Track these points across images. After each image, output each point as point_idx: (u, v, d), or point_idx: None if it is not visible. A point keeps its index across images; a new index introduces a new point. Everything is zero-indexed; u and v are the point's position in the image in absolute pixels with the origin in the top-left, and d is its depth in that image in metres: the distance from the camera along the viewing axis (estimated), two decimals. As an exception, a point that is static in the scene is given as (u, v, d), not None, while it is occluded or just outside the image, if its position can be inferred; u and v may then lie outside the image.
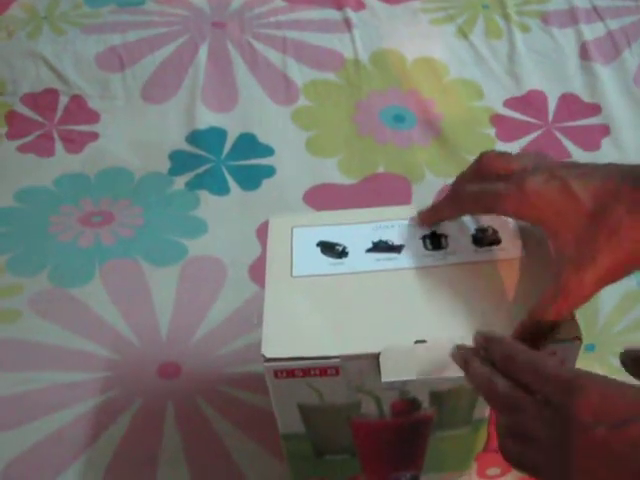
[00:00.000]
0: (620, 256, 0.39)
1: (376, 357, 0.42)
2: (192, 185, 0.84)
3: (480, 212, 0.47)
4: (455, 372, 0.41)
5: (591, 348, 0.67)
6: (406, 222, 0.49)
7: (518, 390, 0.37)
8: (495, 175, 0.44)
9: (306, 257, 0.48)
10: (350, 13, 1.06)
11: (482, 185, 0.44)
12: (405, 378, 0.42)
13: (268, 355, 0.42)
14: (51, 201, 0.83)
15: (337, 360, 0.42)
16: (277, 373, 0.42)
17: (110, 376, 0.66)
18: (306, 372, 0.42)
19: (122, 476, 0.60)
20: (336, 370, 0.42)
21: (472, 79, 0.97)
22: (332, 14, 1.06)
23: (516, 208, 0.42)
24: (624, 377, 0.64)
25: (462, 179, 0.47)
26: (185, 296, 0.73)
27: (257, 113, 0.92)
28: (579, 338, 0.42)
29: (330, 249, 0.48)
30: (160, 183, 0.85)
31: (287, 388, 0.43)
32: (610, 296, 0.71)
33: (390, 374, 0.42)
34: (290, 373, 0.42)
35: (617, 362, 0.66)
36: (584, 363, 0.65)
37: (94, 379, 0.66)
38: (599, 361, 0.66)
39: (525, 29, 1.04)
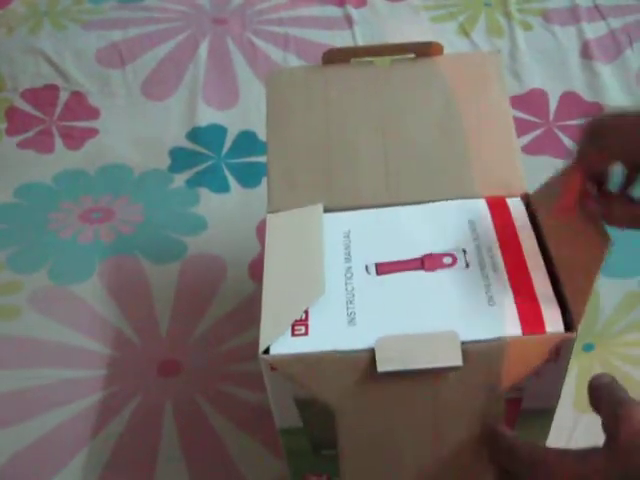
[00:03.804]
0: None
1: (373, 351, 0.42)
2: (192, 182, 0.84)
3: None
4: (449, 362, 0.41)
5: (591, 347, 0.67)
6: None
7: None
8: None
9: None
10: (351, 10, 1.06)
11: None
12: (400, 368, 0.42)
13: (264, 352, 0.42)
14: (51, 197, 0.83)
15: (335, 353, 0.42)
16: (273, 366, 0.42)
17: (109, 373, 0.66)
18: None
19: (121, 473, 0.60)
20: None
21: (473, 77, 0.96)
22: (333, 11, 1.06)
23: None
24: (624, 377, 0.64)
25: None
26: (185, 293, 0.73)
27: (258, 110, 0.92)
28: (575, 330, 0.42)
29: None
30: (160, 180, 0.84)
31: (284, 381, 0.43)
32: (611, 296, 0.71)
33: (385, 364, 0.42)
34: None
35: (617, 362, 0.66)
36: (584, 362, 0.65)
37: (93, 376, 0.66)
38: (599, 361, 0.66)
39: (527, 27, 1.03)
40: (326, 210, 0.51)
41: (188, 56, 0.98)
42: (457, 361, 0.41)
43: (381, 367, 0.41)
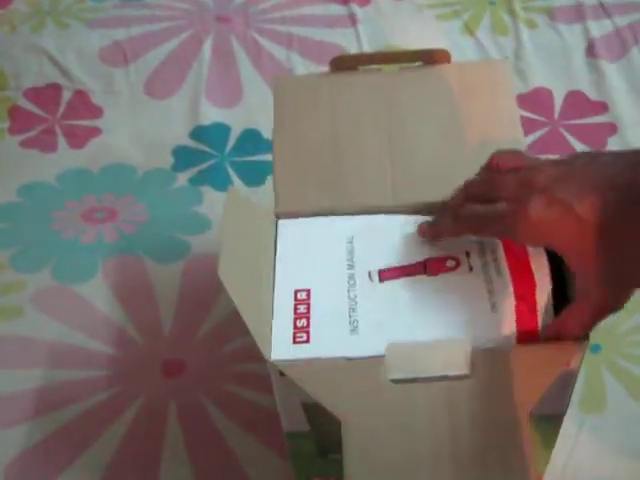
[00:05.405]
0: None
1: (379, 358, 0.41)
2: (195, 181, 0.84)
3: (482, 235, 0.47)
4: (461, 370, 0.41)
5: (597, 349, 0.66)
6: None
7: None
8: (496, 196, 0.44)
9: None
10: (355, 8, 1.05)
11: (486, 208, 0.44)
12: (411, 376, 0.42)
13: (275, 357, 0.42)
14: (54, 197, 0.82)
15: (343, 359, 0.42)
16: (282, 371, 0.42)
17: (112, 373, 0.66)
18: None
19: (125, 474, 0.60)
20: None
21: (478, 76, 0.96)
22: (337, 9, 1.06)
23: (521, 235, 0.43)
24: (631, 377, 0.64)
25: (465, 197, 0.47)
26: (188, 293, 0.72)
27: (261, 109, 0.92)
28: (586, 337, 0.42)
29: None
30: (163, 179, 0.84)
31: (292, 386, 0.43)
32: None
33: (396, 372, 0.41)
34: None
35: (624, 362, 0.65)
36: (590, 364, 0.65)
37: (96, 376, 0.66)
38: (605, 362, 0.65)
39: (532, 25, 1.03)
40: (332, 212, 0.51)
41: (191, 54, 0.98)
42: (469, 369, 0.41)
43: (391, 374, 0.41)
